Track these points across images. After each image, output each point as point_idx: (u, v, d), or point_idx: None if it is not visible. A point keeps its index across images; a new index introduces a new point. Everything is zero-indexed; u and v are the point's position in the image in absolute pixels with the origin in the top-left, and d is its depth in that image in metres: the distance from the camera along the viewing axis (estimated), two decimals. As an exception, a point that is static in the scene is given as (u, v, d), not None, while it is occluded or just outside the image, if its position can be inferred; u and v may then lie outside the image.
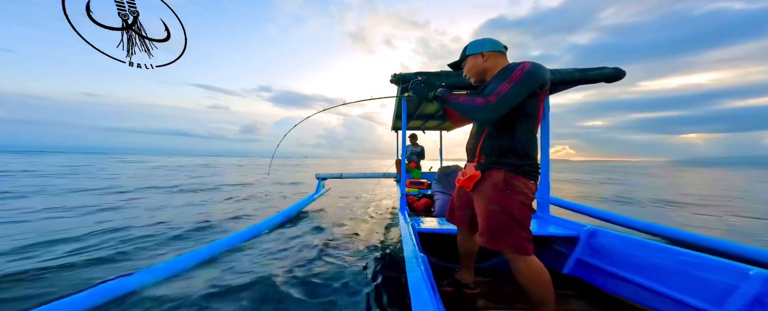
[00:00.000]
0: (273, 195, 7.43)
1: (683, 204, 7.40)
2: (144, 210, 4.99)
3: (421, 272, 1.31)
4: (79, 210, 4.83)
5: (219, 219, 4.41)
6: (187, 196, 6.94)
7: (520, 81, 1.20)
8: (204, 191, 7.88)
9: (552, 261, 2.24)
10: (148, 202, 5.87)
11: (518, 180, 1.28)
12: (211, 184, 9.74)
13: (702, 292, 1.44)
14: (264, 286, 2.12)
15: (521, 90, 1.21)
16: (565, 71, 2.29)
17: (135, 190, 7.60)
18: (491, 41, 1.43)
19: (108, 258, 2.66)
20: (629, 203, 7.57)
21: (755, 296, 1.28)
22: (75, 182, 8.89)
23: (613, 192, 10.37)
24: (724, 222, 5.19)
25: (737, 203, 7.70)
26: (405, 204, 2.97)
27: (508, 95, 1.20)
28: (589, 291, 1.85)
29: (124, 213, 4.69)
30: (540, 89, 1.25)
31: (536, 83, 1.22)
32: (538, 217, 2.68)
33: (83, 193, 6.82)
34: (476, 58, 1.43)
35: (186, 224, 4.00)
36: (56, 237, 3.20)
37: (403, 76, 2.39)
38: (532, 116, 1.29)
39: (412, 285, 1.17)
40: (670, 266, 1.60)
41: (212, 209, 5.34)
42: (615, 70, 2.27)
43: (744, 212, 6.26)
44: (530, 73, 1.22)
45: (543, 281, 1.29)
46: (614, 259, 1.87)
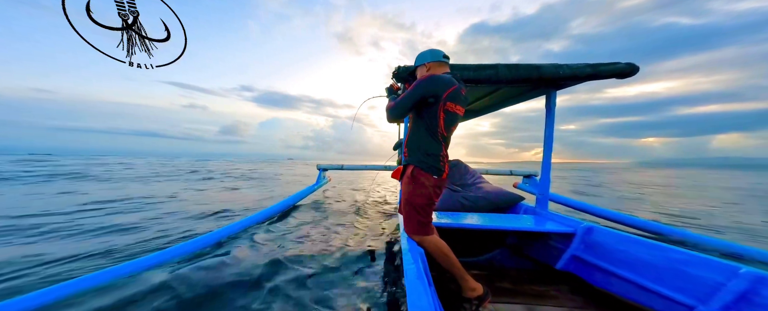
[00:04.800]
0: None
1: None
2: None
3: (417, 266, 1.34)
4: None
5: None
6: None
7: (412, 90, 1.53)
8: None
9: (547, 256, 2.28)
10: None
11: (421, 174, 1.57)
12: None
13: (690, 289, 1.47)
14: (258, 278, 2.14)
15: (412, 98, 1.53)
16: (575, 66, 2.18)
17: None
18: (432, 52, 1.72)
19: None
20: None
21: (742, 293, 1.30)
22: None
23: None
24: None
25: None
26: None
27: (401, 102, 1.57)
28: (581, 287, 1.88)
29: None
30: (433, 98, 1.51)
31: (427, 93, 1.51)
32: (536, 213, 2.71)
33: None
34: (422, 68, 1.72)
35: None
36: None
37: (406, 69, 2.40)
38: (430, 121, 1.55)
39: (409, 279, 1.20)
40: (661, 263, 1.63)
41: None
42: (628, 66, 2.13)
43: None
44: (421, 85, 1.52)
45: (442, 253, 1.57)
46: (608, 256, 1.90)
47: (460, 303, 1.57)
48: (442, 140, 1.59)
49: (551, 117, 2.59)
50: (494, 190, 3.18)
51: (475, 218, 2.43)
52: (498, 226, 2.21)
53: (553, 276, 2.04)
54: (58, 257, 2.52)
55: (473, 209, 2.92)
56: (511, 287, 1.87)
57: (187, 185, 8.33)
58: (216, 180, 10.12)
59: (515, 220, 2.41)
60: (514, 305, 1.66)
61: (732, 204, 7.08)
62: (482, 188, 3.31)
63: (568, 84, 2.51)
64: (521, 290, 1.84)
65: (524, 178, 4.97)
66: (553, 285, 1.90)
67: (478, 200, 3.01)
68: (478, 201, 2.99)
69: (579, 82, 2.40)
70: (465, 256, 2.36)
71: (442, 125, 1.56)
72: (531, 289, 1.85)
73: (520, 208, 3.00)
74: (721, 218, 5.11)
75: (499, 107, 3.68)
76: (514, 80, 2.21)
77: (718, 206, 6.75)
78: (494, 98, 3.26)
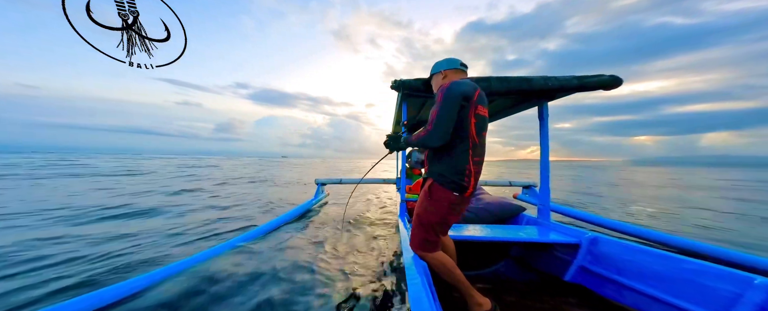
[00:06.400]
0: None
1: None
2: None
3: (421, 280, 1.28)
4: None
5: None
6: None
7: (445, 100, 1.39)
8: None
9: (554, 267, 2.21)
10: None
11: (438, 190, 1.45)
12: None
13: (706, 300, 1.42)
14: (257, 292, 2.06)
15: (451, 106, 1.38)
16: (563, 78, 2.27)
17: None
18: (448, 61, 1.65)
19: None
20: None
21: (760, 304, 1.26)
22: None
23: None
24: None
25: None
26: (405, 210, 2.94)
27: (440, 116, 1.39)
28: (591, 299, 1.82)
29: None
30: (466, 100, 1.39)
31: (464, 94, 1.38)
32: (539, 224, 2.66)
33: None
34: (438, 77, 1.66)
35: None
36: None
37: (404, 83, 2.40)
38: (460, 125, 1.41)
39: (412, 293, 1.15)
40: (673, 274, 1.58)
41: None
42: (611, 78, 2.23)
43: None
44: (453, 89, 1.40)
45: (447, 270, 1.50)
46: (616, 266, 1.85)
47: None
48: (472, 147, 1.44)
49: (545, 127, 2.61)
50: (495, 201, 3.13)
51: (477, 229, 2.38)
52: (502, 237, 2.15)
53: (562, 288, 1.97)
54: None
55: (475, 220, 2.87)
56: (519, 300, 1.80)
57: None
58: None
59: (519, 231, 2.36)
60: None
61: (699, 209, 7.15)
62: (482, 199, 3.27)
63: (558, 95, 2.56)
64: (530, 304, 1.76)
65: (524, 189, 4.95)
66: (562, 298, 1.83)
67: (480, 211, 2.96)
68: (479, 213, 2.95)
69: (567, 93, 2.45)
70: (469, 269, 2.29)
71: (473, 129, 1.44)
72: (540, 302, 1.77)
73: (523, 219, 2.96)
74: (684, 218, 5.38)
75: (493, 119, 3.70)
76: (507, 91, 2.24)
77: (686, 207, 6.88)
78: (488, 110, 3.31)
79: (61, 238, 3.26)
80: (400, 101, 2.72)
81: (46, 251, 2.81)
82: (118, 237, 3.39)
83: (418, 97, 2.71)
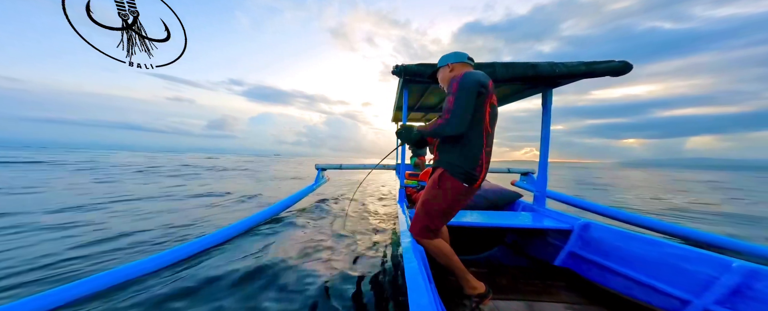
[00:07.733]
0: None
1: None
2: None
3: (417, 263, 1.36)
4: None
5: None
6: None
7: (460, 89, 1.37)
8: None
9: (545, 253, 2.31)
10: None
11: (447, 179, 1.47)
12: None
13: (685, 283, 1.51)
14: (257, 277, 2.15)
15: (468, 95, 1.36)
16: (570, 64, 2.20)
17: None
18: (456, 54, 1.64)
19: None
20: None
21: (735, 287, 1.34)
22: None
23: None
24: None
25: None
26: (404, 196, 3.02)
27: (457, 105, 1.37)
28: (579, 283, 1.91)
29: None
30: (483, 88, 1.39)
31: (476, 86, 1.37)
32: (534, 210, 2.74)
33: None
34: (445, 69, 1.66)
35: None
36: None
37: (406, 68, 2.39)
38: (476, 115, 1.40)
39: (409, 276, 1.21)
40: (656, 257, 1.66)
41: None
42: (622, 64, 2.16)
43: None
44: (468, 78, 1.39)
45: (444, 255, 1.55)
46: (604, 251, 1.93)
47: (461, 300, 1.59)
48: (486, 136, 1.45)
49: (548, 115, 2.61)
50: (492, 188, 3.20)
51: (474, 215, 2.46)
52: (497, 224, 2.23)
53: (551, 272, 2.07)
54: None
55: (472, 206, 2.95)
56: (510, 284, 1.90)
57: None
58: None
59: (513, 217, 2.44)
60: (513, 302, 1.68)
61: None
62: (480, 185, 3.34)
63: (563, 82, 2.51)
64: (520, 287, 1.86)
65: (521, 175, 5.01)
66: (551, 282, 1.93)
67: (477, 197, 3.04)
68: (477, 199, 3.02)
69: (574, 80, 2.41)
70: (465, 254, 2.38)
71: (487, 120, 1.44)
72: (529, 286, 1.87)
73: (519, 205, 3.03)
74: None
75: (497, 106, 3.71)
76: (511, 78, 2.23)
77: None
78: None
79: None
80: (401, 87, 2.72)
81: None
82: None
83: (419, 83, 2.69)
